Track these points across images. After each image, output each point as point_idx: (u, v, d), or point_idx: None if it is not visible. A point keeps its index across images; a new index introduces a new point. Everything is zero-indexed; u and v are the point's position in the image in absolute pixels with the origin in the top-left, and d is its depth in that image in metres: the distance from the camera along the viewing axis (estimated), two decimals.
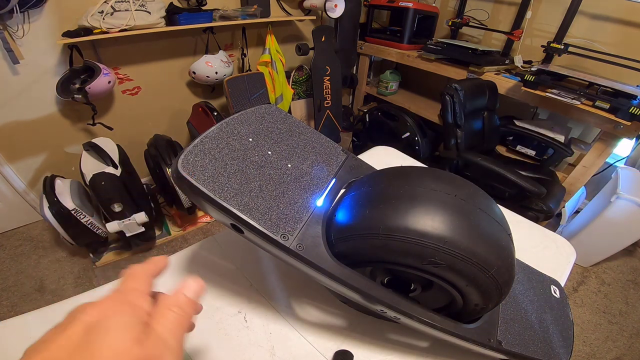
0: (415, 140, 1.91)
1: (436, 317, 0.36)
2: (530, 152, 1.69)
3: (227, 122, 0.39)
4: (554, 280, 0.52)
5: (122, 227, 1.25)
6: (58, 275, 1.39)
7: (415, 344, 0.45)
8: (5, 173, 1.46)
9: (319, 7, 1.81)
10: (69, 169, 1.56)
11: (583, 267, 1.62)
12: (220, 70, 1.61)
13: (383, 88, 2.28)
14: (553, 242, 0.65)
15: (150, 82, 1.66)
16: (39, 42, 1.28)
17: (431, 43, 1.80)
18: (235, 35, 1.82)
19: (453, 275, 0.32)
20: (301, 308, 0.48)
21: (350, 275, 0.34)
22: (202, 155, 0.34)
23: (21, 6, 1.13)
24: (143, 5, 1.31)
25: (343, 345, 0.44)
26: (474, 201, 0.34)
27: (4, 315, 1.23)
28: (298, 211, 0.35)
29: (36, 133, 1.45)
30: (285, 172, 0.38)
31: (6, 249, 1.52)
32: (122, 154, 1.40)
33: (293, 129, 0.45)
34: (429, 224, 0.31)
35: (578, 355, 1.25)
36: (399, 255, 0.32)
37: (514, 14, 1.76)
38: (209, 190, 0.31)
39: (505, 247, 0.33)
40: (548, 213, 1.28)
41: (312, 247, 0.33)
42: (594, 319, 1.38)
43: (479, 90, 1.47)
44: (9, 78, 1.28)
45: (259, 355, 0.42)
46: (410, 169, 0.39)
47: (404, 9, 1.88)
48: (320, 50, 1.82)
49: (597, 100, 1.24)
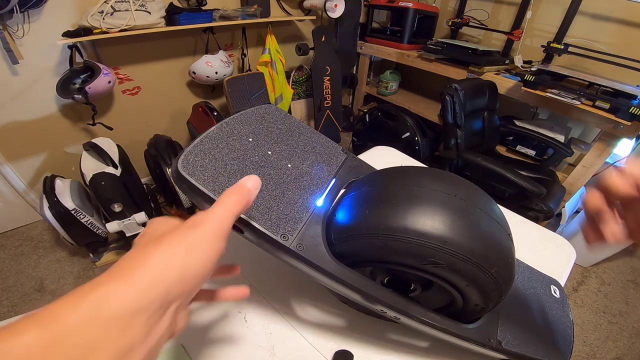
0: (415, 140, 1.91)
1: (436, 317, 0.36)
2: (530, 152, 1.70)
3: (227, 122, 0.39)
4: (554, 280, 0.52)
5: (122, 227, 1.25)
6: (58, 275, 1.39)
7: (415, 344, 0.45)
8: (5, 173, 1.46)
9: (319, 7, 1.81)
10: (69, 169, 1.56)
11: (583, 267, 1.62)
12: (220, 70, 1.61)
13: (383, 88, 2.28)
14: (553, 242, 0.65)
15: (150, 82, 1.66)
16: (39, 42, 1.28)
17: (431, 43, 1.80)
18: (235, 35, 1.82)
19: (453, 275, 0.32)
20: (301, 308, 0.48)
21: (350, 275, 0.34)
22: (202, 155, 0.34)
23: (21, 6, 1.13)
24: (143, 5, 1.31)
25: (343, 345, 0.44)
26: (474, 201, 0.34)
27: (4, 315, 1.23)
28: (298, 211, 0.35)
29: (36, 133, 1.45)
30: (285, 172, 0.38)
31: (6, 249, 1.52)
32: (122, 154, 1.40)
33: (293, 129, 0.45)
34: (429, 223, 0.31)
35: (578, 355, 1.25)
36: (398, 255, 0.32)
37: (514, 14, 1.76)
38: (209, 190, 0.31)
39: (505, 247, 0.33)
40: (548, 213, 1.28)
41: (312, 247, 0.33)
42: (594, 319, 1.38)
43: (479, 90, 1.47)
44: (9, 78, 1.28)
45: (259, 355, 0.42)
46: (410, 169, 0.39)
47: (404, 9, 1.88)
48: (320, 50, 1.82)
49: (597, 100, 1.24)
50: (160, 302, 0.17)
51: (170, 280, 0.18)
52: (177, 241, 0.19)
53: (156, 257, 0.18)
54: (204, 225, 0.20)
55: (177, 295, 0.19)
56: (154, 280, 0.17)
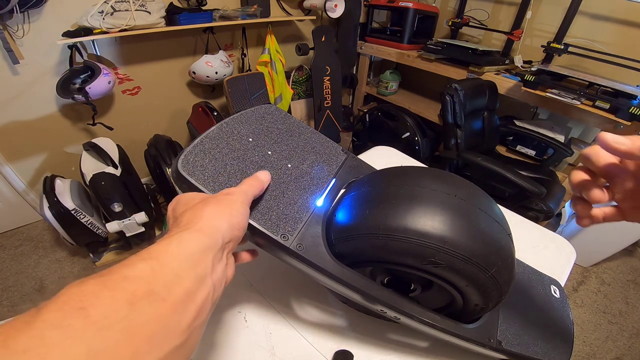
0: (415, 140, 1.91)
1: (436, 317, 0.36)
2: (530, 152, 1.69)
3: (227, 122, 0.39)
4: (554, 280, 0.52)
5: (122, 227, 1.25)
6: (58, 275, 1.39)
7: (415, 344, 0.45)
8: (5, 173, 1.46)
9: (319, 7, 1.81)
10: (69, 169, 1.56)
11: (583, 267, 1.62)
12: (220, 70, 1.61)
13: (383, 88, 2.28)
14: (553, 242, 0.65)
15: (150, 82, 1.66)
16: (39, 42, 1.28)
17: (431, 43, 1.80)
18: (235, 35, 1.82)
19: (453, 275, 0.32)
20: (301, 308, 0.48)
21: (350, 275, 0.34)
22: (202, 155, 0.34)
23: (21, 6, 1.13)
24: (143, 5, 1.31)
25: (343, 345, 0.44)
26: (474, 201, 0.34)
27: (4, 315, 1.23)
28: (298, 211, 0.35)
29: (36, 133, 1.45)
30: (285, 172, 0.38)
31: (6, 249, 1.52)
32: (122, 154, 1.40)
33: (293, 129, 0.45)
34: (429, 223, 0.31)
35: (578, 355, 1.25)
36: (398, 255, 0.32)
37: (514, 14, 1.76)
38: (209, 190, 0.31)
39: (505, 247, 0.33)
40: (548, 213, 1.28)
41: (312, 247, 0.33)
42: (594, 319, 1.38)
43: (479, 90, 1.47)
44: (9, 78, 1.28)
45: (259, 355, 0.42)
46: (410, 169, 0.39)
47: (404, 9, 1.88)
48: (320, 50, 1.82)
49: (597, 100, 1.24)
50: (220, 245, 0.23)
51: (223, 228, 0.24)
52: (219, 203, 0.26)
53: (209, 213, 0.24)
54: (235, 195, 0.28)
55: (229, 240, 0.25)
56: (213, 229, 0.23)
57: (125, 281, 0.17)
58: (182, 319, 0.19)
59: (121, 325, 0.15)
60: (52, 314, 0.15)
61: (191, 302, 0.19)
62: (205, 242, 0.22)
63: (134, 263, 0.18)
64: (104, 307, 0.15)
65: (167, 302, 0.18)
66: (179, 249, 0.20)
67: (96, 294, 0.16)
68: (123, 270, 0.18)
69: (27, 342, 0.13)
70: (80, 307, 0.15)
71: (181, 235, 0.21)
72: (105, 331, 0.15)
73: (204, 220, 0.23)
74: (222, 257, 0.24)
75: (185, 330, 0.19)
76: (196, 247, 0.21)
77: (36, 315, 0.15)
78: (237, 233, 0.26)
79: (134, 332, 0.16)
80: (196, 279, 0.20)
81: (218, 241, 0.23)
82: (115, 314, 0.16)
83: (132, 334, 0.16)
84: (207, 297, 0.21)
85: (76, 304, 0.15)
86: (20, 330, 0.14)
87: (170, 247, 0.20)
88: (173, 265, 0.19)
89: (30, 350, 0.13)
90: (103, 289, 0.16)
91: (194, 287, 0.20)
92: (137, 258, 0.19)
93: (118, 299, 0.16)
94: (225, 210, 0.25)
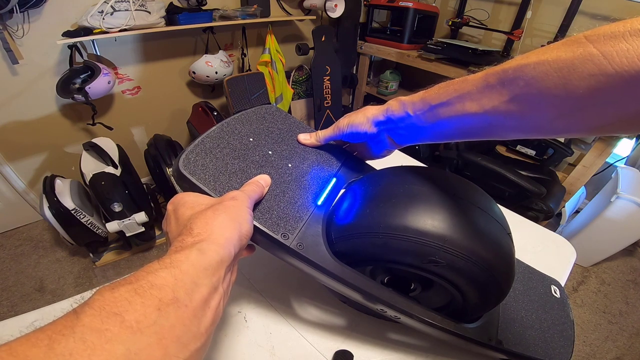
0: None
1: (436, 317, 0.36)
2: (530, 152, 1.70)
3: (228, 122, 0.39)
4: (554, 280, 0.52)
5: (122, 227, 1.25)
6: (58, 275, 1.40)
7: (416, 344, 0.45)
8: (5, 173, 1.46)
9: (319, 7, 1.81)
10: (69, 169, 1.56)
11: (583, 267, 1.62)
12: (220, 70, 1.61)
13: (383, 88, 2.28)
14: (553, 242, 0.65)
15: (150, 82, 1.66)
16: (39, 42, 1.28)
17: (431, 43, 1.79)
18: (235, 35, 1.82)
19: (453, 274, 0.32)
20: (301, 308, 0.48)
21: (350, 274, 0.34)
22: (203, 154, 0.34)
23: (21, 6, 1.13)
24: (143, 5, 1.31)
25: (343, 345, 0.44)
26: (474, 200, 0.34)
27: (4, 315, 1.23)
28: (298, 210, 0.35)
29: (36, 133, 1.45)
30: (285, 171, 0.38)
31: (6, 249, 1.52)
32: (122, 154, 1.40)
33: (293, 129, 0.45)
34: (429, 222, 0.31)
35: (578, 355, 1.25)
36: (398, 254, 0.32)
37: (514, 13, 1.76)
38: (210, 189, 0.31)
39: (505, 246, 0.33)
40: (548, 213, 1.28)
41: (313, 246, 0.33)
42: (594, 318, 1.39)
43: None
44: (9, 78, 1.28)
45: (259, 355, 0.42)
46: (410, 169, 0.39)
47: (404, 8, 1.87)
48: (320, 50, 1.82)
49: None
50: (232, 256, 0.25)
51: (234, 240, 0.25)
52: (228, 211, 0.27)
53: (221, 224, 0.25)
54: (239, 199, 0.29)
55: (239, 249, 0.26)
56: (227, 242, 0.24)
57: (153, 289, 0.19)
58: (201, 323, 0.20)
59: (152, 330, 0.17)
60: (90, 319, 0.16)
61: (207, 308, 0.21)
62: (221, 254, 0.23)
63: (157, 271, 0.20)
64: (136, 312, 0.17)
65: (189, 308, 0.20)
66: (199, 259, 0.22)
67: (129, 300, 0.17)
68: (149, 278, 0.19)
69: (72, 346, 0.15)
70: (115, 312, 0.17)
71: (201, 246, 0.23)
72: (139, 335, 0.16)
73: (218, 231, 0.24)
74: (232, 267, 0.26)
75: (204, 333, 0.21)
76: (214, 258, 0.23)
77: (76, 320, 0.16)
78: (244, 242, 0.27)
79: (163, 335, 0.17)
80: (211, 287, 0.22)
81: (231, 253, 0.25)
82: (146, 319, 0.17)
83: (162, 337, 0.17)
84: (220, 303, 0.23)
85: (111, 310, 0.17)
86: (64, 334, 0.15)
87: (191, 257, 0.22)
88: (192, 274, 0.21)
89: (76, 353, 0.15)
90: (134, 295, 0.18)
91: (209, 294, 0.22)
92: (159, 265, 0.20)
93: (148, 305, 0.18)
94: (235, 219, 0.27)
